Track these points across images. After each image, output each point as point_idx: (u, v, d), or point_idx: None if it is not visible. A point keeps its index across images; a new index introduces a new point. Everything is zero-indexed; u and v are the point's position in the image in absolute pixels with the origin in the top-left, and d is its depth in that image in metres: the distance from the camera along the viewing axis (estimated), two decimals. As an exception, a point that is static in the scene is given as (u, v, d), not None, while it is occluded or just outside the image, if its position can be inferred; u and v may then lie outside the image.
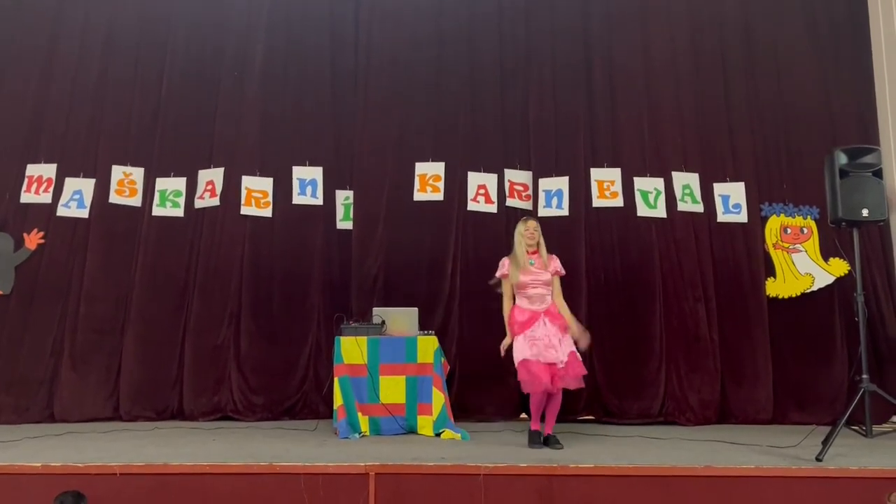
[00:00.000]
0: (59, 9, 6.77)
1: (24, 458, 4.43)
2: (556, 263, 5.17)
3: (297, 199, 6.52)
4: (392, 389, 5.44)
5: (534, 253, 5.14)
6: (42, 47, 6.69)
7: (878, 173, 5.37)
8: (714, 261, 6.32)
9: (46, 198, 6.43)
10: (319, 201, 6.53)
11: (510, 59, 6.71)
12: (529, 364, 4.87)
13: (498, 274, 5.21)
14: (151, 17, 6.79)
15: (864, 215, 5.29)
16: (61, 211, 6.42)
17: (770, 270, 6.30)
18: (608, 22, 6.72)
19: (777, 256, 6.33)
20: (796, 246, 6.34)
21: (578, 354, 5.00)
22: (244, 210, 6.46)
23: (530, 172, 6.51)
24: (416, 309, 5.70)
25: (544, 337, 4.92)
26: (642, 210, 6.38)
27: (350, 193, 6.56)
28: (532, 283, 5.06)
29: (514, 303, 5.14)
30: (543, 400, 4.93)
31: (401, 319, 5.63)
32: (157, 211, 6.48)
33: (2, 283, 6.25)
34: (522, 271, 5.07)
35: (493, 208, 6.47)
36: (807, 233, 6.36)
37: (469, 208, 6.47)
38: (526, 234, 5.14)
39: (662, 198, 6.39)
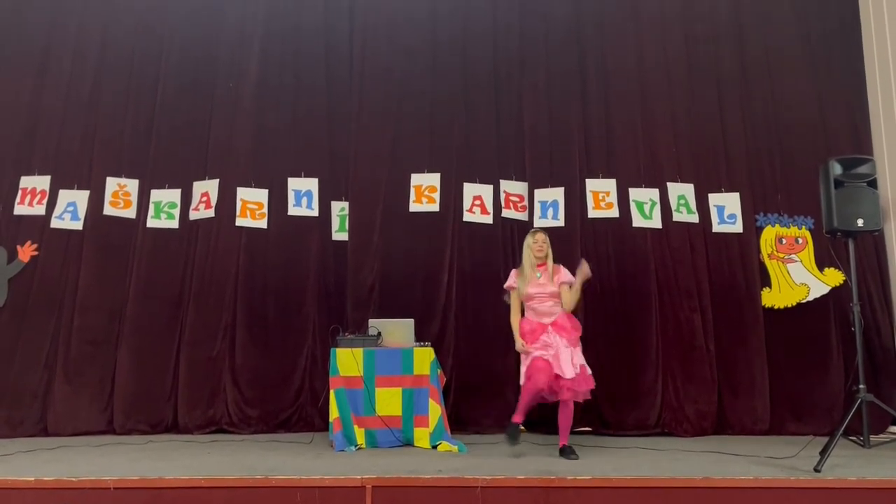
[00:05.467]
0: (53, 19, 6.76)
1: (17, 472, 4.38)
2: (563, 274, 5.20)
3: (293, 211, 6.51)
4: (388, 401, 5.41)
5: (541, 265, 5.18)
6: (35, 58, 6.68)
7: (873, 183, 5.40)
8: (710, 271, 6.33)
9: (40, 210, 6.41)
10: (315, 212, 6.52)
11: (504, 69, 6.73)
12: (537, 360, 4.93)
13: (506, 285, 5.27)
14: (145, 28, 6.79)
15: (859, 225, 5.31)
16: (55, 223, 6.39)
17: (765, 281, 6.31)
18: (601, 31, 6.76)
19: (772, 267, 6.34)
20: (791, 256, 6.36)
21: (588, 369, 5.03)
22: (239, 221, 6.44)
23: (526, 183, 6.52)
24: (412, 320, 5.68)
25: (554, 346, 4.96)
26: (638, 221, 6.39)
27: (345, 204, 6.55)
28: (538, 295, 5.12)
29: (522, 315, 5.20)
30: (535, 398, 4.99)
31: (397, 331, 5.61)
32: (151, 223, 6.45)
33: (-5, 296, 6.22)
34: (530, 283, 5.12)
35: (488, 219, 6.47)
36: (802, 243, 6.38)
37: (465, 219, 6.48)
38: (534, 246, 5.21)
39: (658, 208, 6.41)
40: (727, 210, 6.42)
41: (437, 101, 6.65)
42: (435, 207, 6.48)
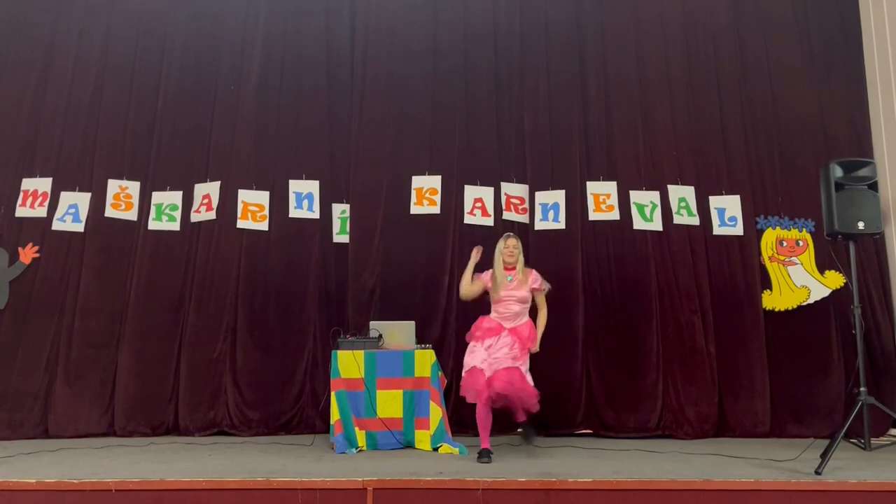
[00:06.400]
0: (55, 22, 6.77)
1: (19, 474, 4.39)
2: (534, 279, 5.22)
3: (294, 213, 6.51)
4: (389, 404, 5.42)
5: (511, 269, 5.20)
6: (37, 60, 6.69)
7: (874, 186, 5.41)
8: (710, 273, 6.33)
9: (42, 212, 6.42)
10: (316, 215, 6.53)
11: (505, 72, 6.74)
12: (476, 373, 4.97)
13: (480, 276, 5.31)
14: (147, 30, 6.80)
15: (859, 228, 5.33)
16: (56, 225, 6.40)
17: (766, 283, 6.32)
18: (602, 35, 6.77)
19: (773, 269, 6.34)
20: (792, 259, 6.36)
21: (529, 379, 5.05)
22: (240, 224, 6.45)
23: (526, 186, 6.52)
24: (413, 322, 5.69)
25: (500, 353, 5.01)
26: (638, 223, 6.40)
27: (346, 207, 6.56)
28: (506, 299, 5.16)
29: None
30: (489, 415, 5.00)
31: (398, 333, 5.62)
32: (152, 225, 6.46)
33: (-4, 298, 6.22)
34: (501, 287, 5.17)
35: (489, 221, 6.47)
36: (802, 245, 6.38)
37: (466, 221, 6.48)
38: (505, 251, 5.25)
39: (658, 211, 6.41)
40: (728, 212, 6.42)
41: (437, 104, 6.66)
42: (436, 210, 6.49)
